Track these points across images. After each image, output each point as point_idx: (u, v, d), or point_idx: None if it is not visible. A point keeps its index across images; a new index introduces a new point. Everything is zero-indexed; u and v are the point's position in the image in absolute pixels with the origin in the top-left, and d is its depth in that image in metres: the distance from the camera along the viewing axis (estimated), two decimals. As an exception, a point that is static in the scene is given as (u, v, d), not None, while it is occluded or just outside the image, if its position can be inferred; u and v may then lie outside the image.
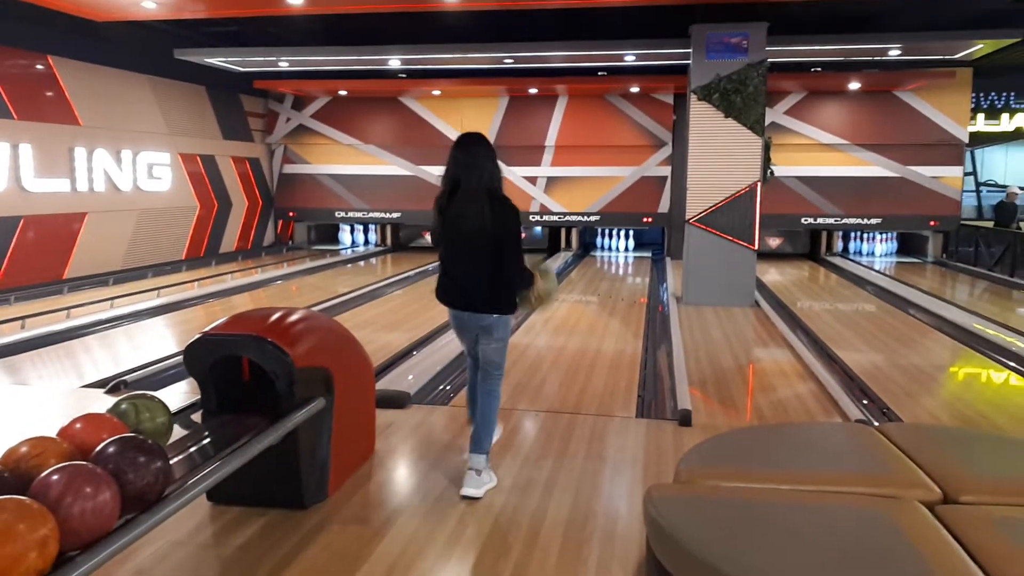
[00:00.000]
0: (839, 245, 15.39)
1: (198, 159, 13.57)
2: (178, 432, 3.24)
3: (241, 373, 3.64)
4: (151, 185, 12.24)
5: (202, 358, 3.41)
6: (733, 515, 2.41)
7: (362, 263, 14.77)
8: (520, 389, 5.61)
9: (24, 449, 2.42)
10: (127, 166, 11.68)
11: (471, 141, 3.74)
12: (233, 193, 14.67)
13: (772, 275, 12.64)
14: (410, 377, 5.99)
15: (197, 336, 3.42)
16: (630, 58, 11.64)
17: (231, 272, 12.31)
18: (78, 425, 2.65)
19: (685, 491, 2.63)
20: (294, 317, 3.68)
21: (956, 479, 2.65)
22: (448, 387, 5.81)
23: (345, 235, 16.93)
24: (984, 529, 2.30)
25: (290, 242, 16.59)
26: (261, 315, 3.61)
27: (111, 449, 2.41)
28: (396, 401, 5.02)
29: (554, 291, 3.84)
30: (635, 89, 14.11)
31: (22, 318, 7.85)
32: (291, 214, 16.15)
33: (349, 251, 15.99)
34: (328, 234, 17.09)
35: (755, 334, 7.96)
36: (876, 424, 4.85)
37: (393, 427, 4.64)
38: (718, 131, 9.25)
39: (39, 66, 10.22)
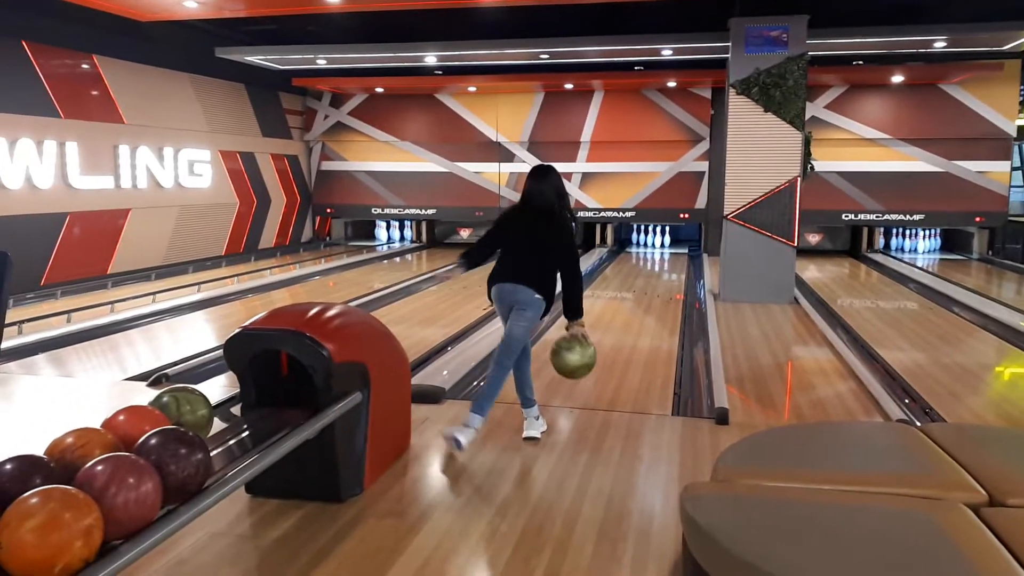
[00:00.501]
0: (880, 241, 15.11)
1: (238, 156, 13.76)
2: (218, 425, 3.30)
3: (280, 367, 3.69)
4: (192, 182, 12.46)
5: (242, 352, 3.46)
6: (772, 514, 2.38)
7: (398, 259, 14.86)
8: (555, 385, 5.61)
9: (70, 440, 2.48)
10: (169, 163, 11.90)
11: (541, 168, 4.51)
12: (272, 190, 14.86)
13: (812, 272, 12.45)
14: (445, 373, 6.02)
15: (237, 331, 3.47)
16: (667, 52, 11.53)
17: (269, 268, 12.48)
18: (121, 417, 2.71)
19: (722, 490, 2.61)
20: (331, 312, 3.71)
21: (1003, 480, 2.58)
22: (483, 383, 5.81)
23: (381, 231, 17.06)
24: (1032, 533, 2.24)
25: (328, 238, 16.75)
26: (299, 310, 3.65)
27: (153, 441, 2.45)
28: (431, 396, 5.05)
29: (588, 363, 4.29)
30: (672, 84, 13.99)
31: (68, 312, 8.04)
32: (328, 210, 16.31)
33: (385, 247, 16.11)
34: (365, 230, 17.23)
35: (794, 331, 7.85)
36: (918, 424, 4.76)
37: (428, 422, 4.67)
38: (757, 125, 9.13)
39: (85, 65, 10.45)
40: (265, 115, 14.63)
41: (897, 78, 13.20)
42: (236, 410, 3.60)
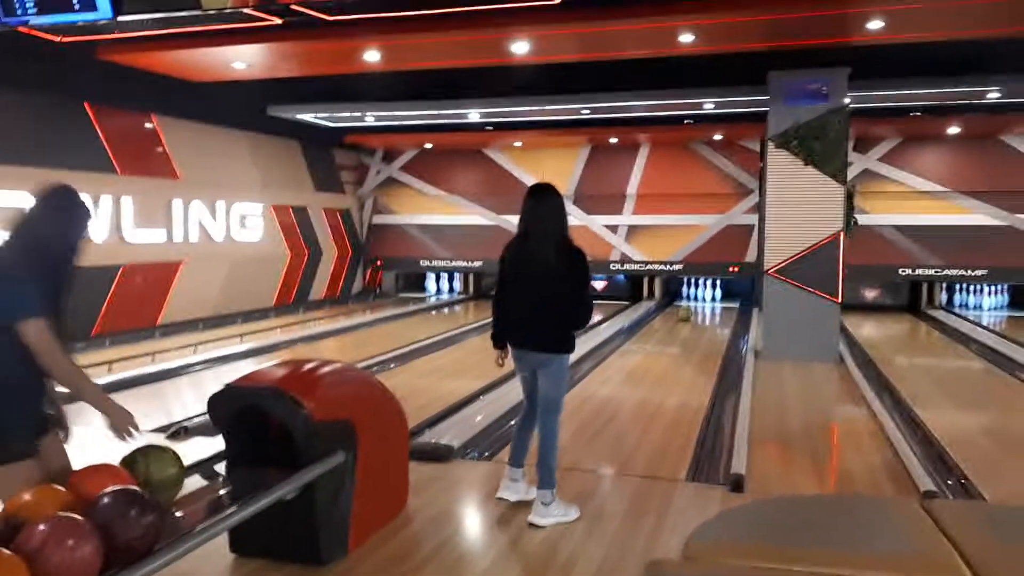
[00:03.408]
0: (942, 297, 14.49)
1: (290, 210, 14.15)
2: (198, 483, 3.30)
3: (269, 424, 3.69)
4: (243, 235, 12.83)
5: (226, 409, 3.47)
6: (732, 599, 2.22)
7: (446, 310, 14.97)
8: (568, 444, 5.47)
9: (26, 497, 2.50)
10: (221, 217, 12.30)
11: (541, 191, 4.05)
12: (323, 242, 15.20)
13: (867, 329, 12.02)
14: (461, 428, 5.94)
15: (221, 387, 3.49)
16: (709, 106, 11.47)
17: (316, 319, 12.68)
18: (86, 474, 2.72)
19: (687, 569, 2.45)
20: (320, 370, 3.71)
21: (994, 565, 2.36)
22: (501, 440, 5.72)
23: (431, 283, 17.23)
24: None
25: (378, 289, 16.99)
26: (287, 367, 3.65)
27: (104, 501, 2.45)
28: (438, 454, 4.97)
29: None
30: (719, 136, 13.89)
31: (110, 362, 8.28)
32: (378, 263, 16.58)
33: (434, 299, 16.25)
34: (415, 282, 17.43)
35: (833, 392, 7.55)
36: (950, 498, 4.47)
37: (431, 482, 4.59)
38: (797, 179, 8.96)
39: (144, 124, 10.96)
40: (319, 171, 15.05)
41: (953, 129, 12.82)
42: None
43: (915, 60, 10.04)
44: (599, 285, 16.10)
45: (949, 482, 4.89)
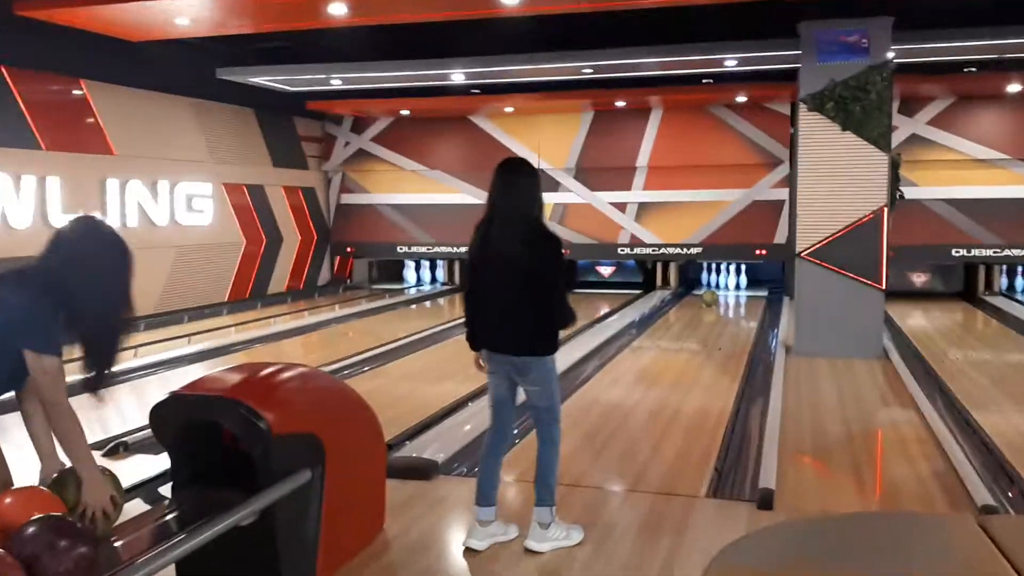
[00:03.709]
0: (1002, 282, 14.55)
1: (244, 189, 14.12)
2: (140, 507, 3.31)
3: (221, 439, 3.69)
4: (190, 219, 12.80)
5: (171, 422, 3.47)
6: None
7: (428, 304, 14.98)
8: (573, 456, 5.48)
9: (-61, 528, 2.50)
10: (164, 198, 12.27)
11: (510, 166, 4.05)
12: (284, 227, 15.17)
13: (916, 319, 12.07)
14: (446, 440, 5.94)
15: (165, 396, 3.48)
16: (731, 63, 11.46)
17: (277, 315, 12.67)
18: (8, 500, 2.72)
19: (707, 599, 2.46)
20: (281, 375, 3.71)
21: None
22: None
23: (410, 272, 17.21)
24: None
25: (348, 280, 16.98)
26: (242, 372, 3.65)
27: (30, 531, 2.45)
28: (420, 471, 4.99)
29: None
30: (742, 98, 13.88)
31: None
32: (349, 249, 16.56)
33: (414, 290, 16.24)
34: (391, 272, 17.41)
35: (878, 393, 7.58)
36: (1011, 514, 4.50)
37: (413, 501, 4.60)
38: (834, 147, 8.97)
39: (71, 91, 10.90)
40: (277, 143, 15.02)
41: (1015, 87, 12.84)
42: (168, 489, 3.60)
43: (969, 7, 10.06)
44: (606, 271, 16.14)
45: (1010, 495, 4.92)
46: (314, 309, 13.60)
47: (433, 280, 16.97)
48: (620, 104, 14.41)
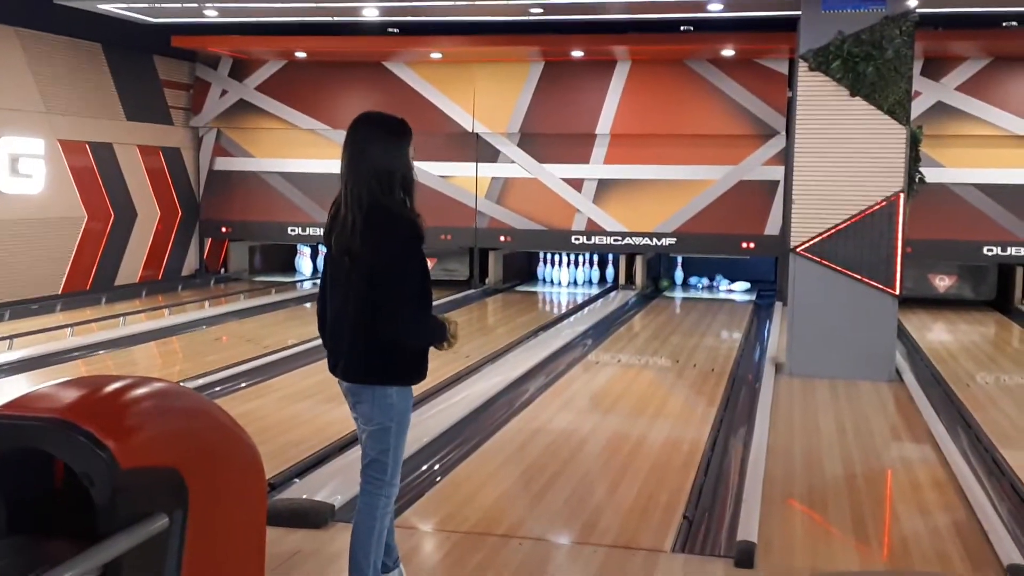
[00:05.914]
0: (1043, 288, 15.03)
1: (87, 148, 13.90)
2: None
3: (53, 475, 3.65)
4: (15, 185, 12.58)
5: (-15, 451, 3.41)
6: None
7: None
8: (508, 499, 5.53)
9: None
10: (-21, 158, 12.04)
11: (359, 126, 3.90)
12: (139, 198, 14.99)
13: (937, 333, 12.42)
14: (346, 478, 5.93)
15: (-22, 418, 3.42)
16: (715, 6, 11.63)
17: (127, 313, 12.48)
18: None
19: None
20: (134, 392, 3.67)
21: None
22: (411, 492, 5.74)
23: (304, 261, 17.10)
24: None
25: (222, 270, 16.82)
26: (80, 387, 3.60)
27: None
28: (311, 517, 4.99)
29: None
30: (729, 52, 14.09)
31: None
32: (224, 230, 16.41)
33: (309, 284, 16.14)
34: (279, 260, 17.29)
35: (887, 425, 7.80)
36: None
37: (299, 556, 4.61)
38: (840, 116, 9.16)
39: None
40: (132, 89, 14.83)
41: (1061, 47, 13.28)
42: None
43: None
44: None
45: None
46: (177, 306, 13.45)
47: (333, 271, 16.87)
48: (577, 54, 14.55)
